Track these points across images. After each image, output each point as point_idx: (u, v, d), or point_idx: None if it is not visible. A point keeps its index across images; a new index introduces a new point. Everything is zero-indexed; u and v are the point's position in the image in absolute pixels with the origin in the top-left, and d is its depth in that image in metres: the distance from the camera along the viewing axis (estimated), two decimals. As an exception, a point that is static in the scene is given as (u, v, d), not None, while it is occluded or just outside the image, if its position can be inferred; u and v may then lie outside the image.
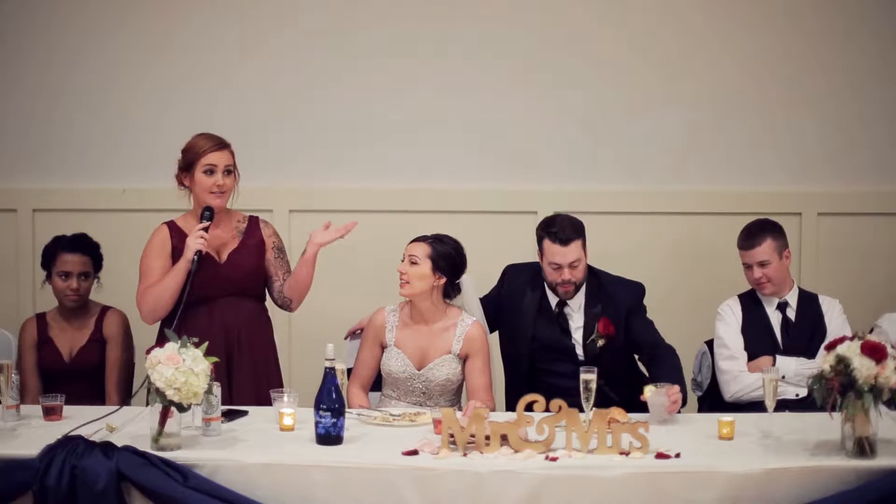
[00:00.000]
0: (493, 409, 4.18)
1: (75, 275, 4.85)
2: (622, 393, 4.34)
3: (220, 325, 4.32)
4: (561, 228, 4.49)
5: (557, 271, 4.50)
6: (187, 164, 4.33)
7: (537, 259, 4.61)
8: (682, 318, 4.88)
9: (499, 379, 4.67)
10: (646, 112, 5.71)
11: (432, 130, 5.72)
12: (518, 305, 4.62)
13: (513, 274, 4.74)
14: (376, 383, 4.52)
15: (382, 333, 4.43)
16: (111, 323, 4.89)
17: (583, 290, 4.57)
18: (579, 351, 4.54)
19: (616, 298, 4.56)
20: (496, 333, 4.72)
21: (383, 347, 4.43)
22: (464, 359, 4.39)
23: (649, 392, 3.95)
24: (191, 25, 5.72)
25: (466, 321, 4.41)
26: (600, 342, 4.51)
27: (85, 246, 4.91)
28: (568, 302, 4.57)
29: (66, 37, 5.72)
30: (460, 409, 4.27)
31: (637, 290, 4.62)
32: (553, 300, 4.60)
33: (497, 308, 4.69)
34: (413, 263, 4.34)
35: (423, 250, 4.36)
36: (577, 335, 4.55)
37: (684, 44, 5.69)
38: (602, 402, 3.88)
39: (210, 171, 4.30)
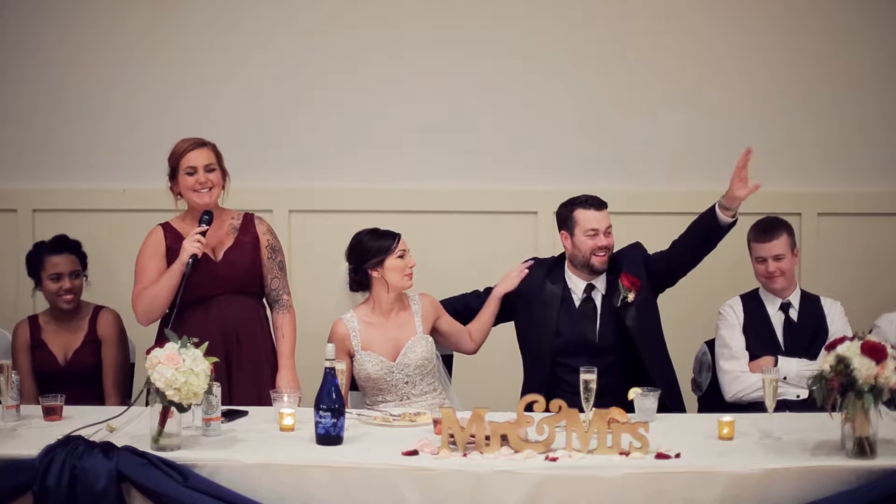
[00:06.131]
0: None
1: (66, 274, 4.83)
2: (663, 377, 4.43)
3: (218, 323, 4.33)
4: (590, 197, 4.56)
5: (594, 238, 4.51)
6: (172, 171, 4.38)
7: (557, 250, 4.59)
8: (682, 318, 4.87)
9: (515, 374, 4.66)
10: (646, 112, 5.71)
11: (432, 131, 5.72)
12: (539, 298, 4.59)
13: (529, 268, 4.69)
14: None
15: (348, 342, 4.41)
16: (105, 323, 4.87)
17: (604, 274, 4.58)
18: (600, 343, 4.51)
19: (626, 262, 4.57)
20: (495, 335, 4.72)
21: (351, 356, 4.42)
22: (431, 331, 4.48)
23: (634, 395, 3.94)
24: (190, 26, 5.71)
25: (416, 300, 4.52)
26: (630, 296, 4.49)
27: (69, 245, 4.90)
28: (595, 286, 4.55)
29: (66, 37, 5.72)
30: (450, 403, 4.30)
31: (639, 246, 4.65)
32: (580, 287, 4.57)
33: (513, 302, 4.65)
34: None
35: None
36: (599, 324, 4.54)
37: (684, 44, 5.68)
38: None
39: (191, 172, 4.34)
